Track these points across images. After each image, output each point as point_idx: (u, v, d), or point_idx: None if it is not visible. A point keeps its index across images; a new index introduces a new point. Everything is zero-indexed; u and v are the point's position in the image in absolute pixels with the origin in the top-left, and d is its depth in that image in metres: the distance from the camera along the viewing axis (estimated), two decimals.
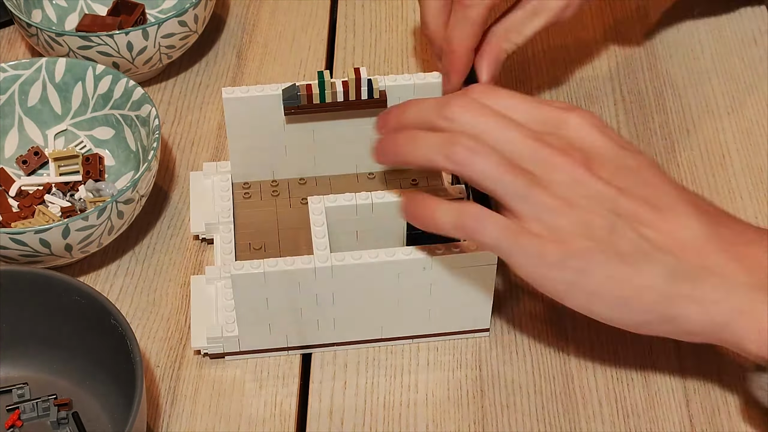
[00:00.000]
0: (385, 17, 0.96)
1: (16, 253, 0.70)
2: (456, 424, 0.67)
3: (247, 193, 0.77)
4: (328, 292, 0.66)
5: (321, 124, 0.75)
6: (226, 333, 0.69)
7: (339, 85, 0.72)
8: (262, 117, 0.74)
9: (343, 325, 0.69)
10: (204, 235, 0.76)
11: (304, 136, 0.75)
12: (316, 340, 0.70)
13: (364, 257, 0.65)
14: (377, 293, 0.67)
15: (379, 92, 0.73)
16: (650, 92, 0.88)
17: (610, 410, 0.68)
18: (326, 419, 0.68)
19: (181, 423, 0.68)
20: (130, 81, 0.79)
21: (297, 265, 0.65)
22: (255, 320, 0.68)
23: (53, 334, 0.67)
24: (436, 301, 0.68)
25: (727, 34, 0.93)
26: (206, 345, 0.69)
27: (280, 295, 0.66)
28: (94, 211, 0.70)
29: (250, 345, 0.69)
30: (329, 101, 0.72)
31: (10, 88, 0.81)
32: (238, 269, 0.65)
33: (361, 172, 0.78)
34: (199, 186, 0.77)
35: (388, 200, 0.68)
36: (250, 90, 0.73)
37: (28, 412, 0.66)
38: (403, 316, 0.69)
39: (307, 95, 0.72)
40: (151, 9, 0.93)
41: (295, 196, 0.77)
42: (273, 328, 0.68)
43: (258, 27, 0.95)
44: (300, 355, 0.71)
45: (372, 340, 0.70)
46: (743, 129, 0.85)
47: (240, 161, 0.76)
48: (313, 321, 0.68)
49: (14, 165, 0.81)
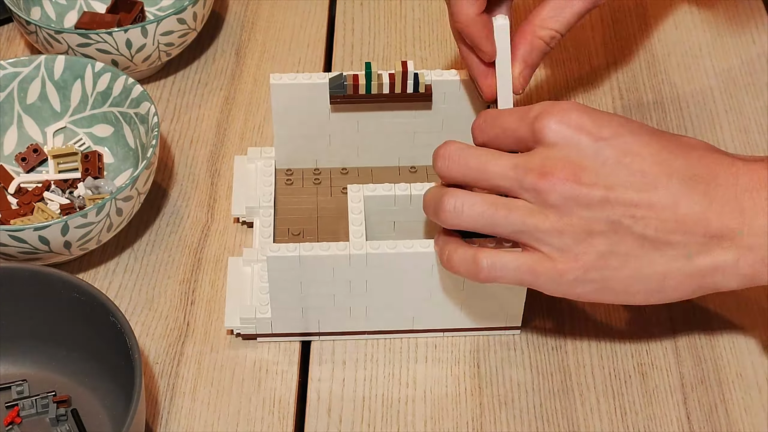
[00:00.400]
0: (383, 15, 0.96)
1: (16, 250, 0.70)
2: (454, 421, 0.67)
3: (290, 179, 0.77)
4: (362, 279, 0.67)
5: (366, 115, 0.75)
6: (259, 314, 0.69)
7: (386, 77, 0.72)
8: (308, 105, 0.74)
9: (375, 315, 0.69)
10: (244, 218, 0.77)
11: (348, 127, 0.76)
12: (347, 328, 0.70)
13: (399, 247, 0.65)
14: (410, 283, 0.67)
15: (425, 86, 0.73)
16: (648, 91, 0.88)
17: (608, 407, 0.68)
18: (324, 416, 0.68)
19: (180, 420, 0.68)
20: (129, 78, 0.79)
21: (332, 251, 0.65)
22: (288, 304, 0.68)
23: (52, 331, 0.68)
24: (468, 296, 0.69)
25: (726, 33, 0.93)
26: (239, 325, 0.70)
27: (313, 280, 0.67)
28: (93, 208, 0.70)
29: (282, 328, 0.70)
30: (375, 93, 0.73)
31: (9, 86, 0.81)
32: (274, 251, 0.65)
33: (403, 165, 0.79)
34: (243, 170, 0.78)
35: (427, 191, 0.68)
36: (298, 77, 0.73)
37: (27, 409, 0.66)
38: (436, 308, 0.69)
39: (354, 85, 0.72)
40: (150, 6, 0.93)
41: (337, 185, 0.77)
42: (306, 312, 0.69)
43: (257, 25, 0.95)
44: (299, 352, 0.71)
45: (403, 330, 0.71)
46: (741, 127, 0.85)
47: (284, 148, 0.77)
48: (346, 308, 0.69)
49: (13, 162, 0.81)
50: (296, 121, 0.75)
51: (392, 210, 0.69)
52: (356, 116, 0.75)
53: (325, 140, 0.76)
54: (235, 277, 0.72)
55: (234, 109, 0.87)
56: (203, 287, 0.75)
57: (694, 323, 0.73)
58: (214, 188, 0.81)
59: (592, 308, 0.73)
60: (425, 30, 0.94)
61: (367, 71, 0.72)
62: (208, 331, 0.72)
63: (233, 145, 0.84)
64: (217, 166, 0.83)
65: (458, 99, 0.75)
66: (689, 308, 0.73)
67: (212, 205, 0.80)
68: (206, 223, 0.79)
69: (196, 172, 0.82)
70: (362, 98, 0.73)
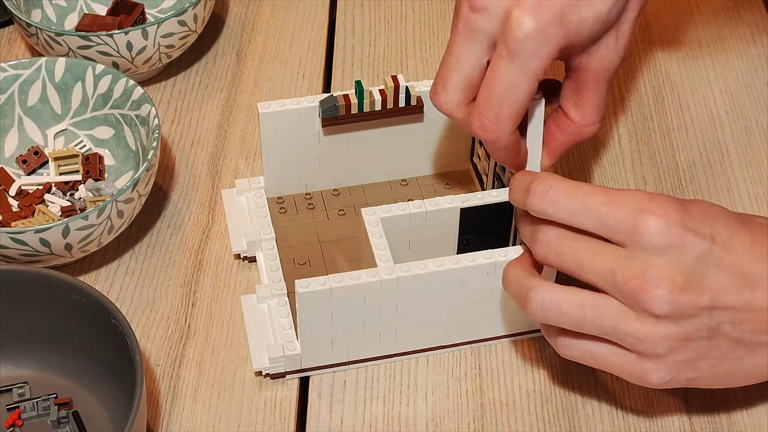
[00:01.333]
0: (384, 16, 0.96)
1: (17, 253, 0.70)
2: (455, 423, 0.67)
3: (282, 207, 0.77)
4: (392, 303, 0.66)
5: (356, 134, 0.74)
6: (287, 352, 0.67)
7: (377, 93, 0.72)
8: (298, 130, 0.73)
9: (405, 335, 0.68)
10: (246, 253, 0.75)
11: (339, 147, 0.75)
12: (377, 353, 0.69)
13: (429, 266, 0.64)
14: (440, 301, 0.67)
15: (417, 98, 0.73)
16: (649, 91, 0.88)
17: (609, 409, 0.68)
18: (326, 418, 0.68)
19: (181, 422, 0.68)
20: (130, 80, 0.79)
21: (363, 279, 0.64)
22: (317, 337, 0.67)
23: (53, 333, 0.68)
24: (496, 305, 0.68)
25: (726, 34, 0.93)
26: (268, 366, 0.68)
27: (344, 310, 0.65)
28: (94, 210, 0.70)
29: (311, 362, 0.68)
30: (367, 110, 0.72)
31: (10, 88, 0.81)
32: (304, 287, 0.63)
33: (393, 180, 0.78)
34: (233, 203, 0.77)
35: (442, 207, 0.68)
36: (286, 103, 0.72)
37: (29, 411, 0.66)
38: (464, 322, 0.69)
39: (346, 105, 0.72)
40: (151, 8, 0.93)
41: (331, 207, 0.77)
42: (335, 344, 0.67)
43: (257, 26, 0.95)
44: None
45: (433, 348, 0.70)
46: (742, 128, 0.85)
47: (274, 175, 0.76)
48: (375, 333, 0.68)
49: (14, 164, 0.81)
50: (286, 148, 0.74)
51: (408, 228, 0.68)
52: (347, 136, 0.74)
53: (316, 163, 0.76)
54: (251, 316, 0.70)
55: (235, 111, 0.87)
56: (204, 289, 0.75)
57: None
58: (214, 190, 0.81)
59: None
60: (425, 31, 0.94)
61: (358, 89, 0.71)
62: (209, 333, 0.72)
63: (234, 147, 0.84)
64: (218, 168, 0.83)
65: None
66: None
67: (213, 206, 0.80)
68: (207, 224, 0.79)
69: (197, 174, 0.82)
70: (355, 117, 0.72)
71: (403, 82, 0.72)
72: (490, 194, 0.69)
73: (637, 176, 0.82)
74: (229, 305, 0.74)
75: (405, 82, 0.72)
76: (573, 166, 0.83)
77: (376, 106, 0.72)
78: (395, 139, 0.75)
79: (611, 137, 0.85)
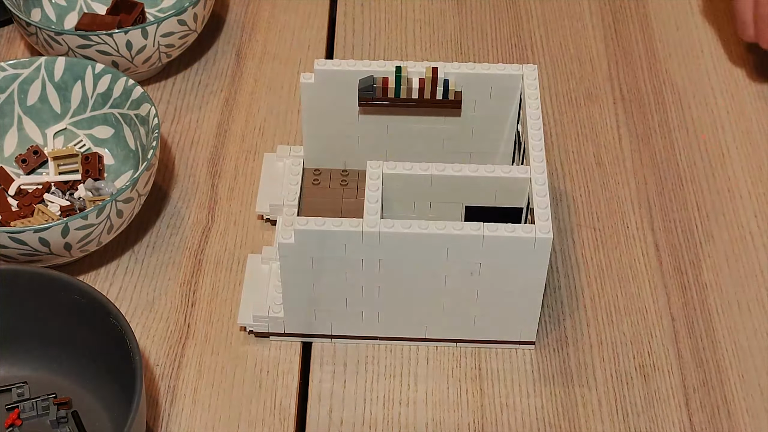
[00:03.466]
0: (384, 16, 0.96)
1: (16, 252, 0.70)
2: (455, 423, 0.67)
3: (317, 179, 0.77)
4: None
5: (395, 119, 0.75)
6: (272, 313, 0.69)
7: (415, 81, 0.72)
8: (337, 105, 0.74)
9: (388, 319, 0.69)
10: (268, 215, 0.77)
11: (377, 129, 0.75)
12: (359, 332, 0.70)
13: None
14: (424, 269, 0.66)
15: (455, 93, 0.72)
16: (650, 91, 0.88)
17: (609, 409, 0.68)
18: (325, 418, 0.68)
19: (181, 422, 0.68)
20: (130, 80, 0.79)
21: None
22: (300, 295, 0.68)
23: (53, 333, 0.67)
24: (482, 302, 0.68)
25: (727, 34, 0.93)
26: (251, 323, 0.70)
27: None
28: (94, 210, 0.70)
29: (294, 328, 0.70)
30: (404, 97, 0.72)
31: (10, 87, 0.81)
32: (286, 238, 0.64)
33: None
34: (271, 167, 0.78)
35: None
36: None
37: (28, 411, 0.66)
38: (448, 315, 0.69)
39: (383, 88, 0.72)
40: (151, 8, 0.93)
41: (363, 187, 0.77)
42: (318, 313, 0.68)
43: (257, 26, 0.95)
44: (300, 354, 0.71)
45: (415, 338, 0.70)
46: (743, 128, 0.85)
47: (313, 147, 0.77)
48: (358, 312, 0.68)
49: (13, 164, 0.81)
50: (325, 121, 0.75)
51: (412, 190, 0.68)
52: (385, 119, 0.75)
53: (354, 141, 0.76)
54: (252, 275, 0.72)
55: (234, 111, 0.87)
56: (204, 289, 0.75)
57: (696, 325, 0.72)
58: (214, 190, 0.81)
59: (593, 310, 0.73)
60: (426, 31, 0.94)
61: (397, 75, 0.72)
62: (208, 333, 0.72)
63: (234, 146, 0.84)
64: (218, 167, 0.82)
65: (488, 107, 0.74)
66: (691, 310, 0.73)
67: (213, 206, 0.80)
68: (207, 224, 0.79)
69: (197, 174, 0.82)
70: (391, 102, 0.73)
71: (442, 74, 0.72)
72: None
73: (638, 176, 0.82)
74: (229, 305, 0.73)
75: (444, 75, 0.72)
76: (573, 165, 0.83)
77: (413, 94, 0.72)
78: (433, 131, 0.75)
79: (611, 137, 0.85)
